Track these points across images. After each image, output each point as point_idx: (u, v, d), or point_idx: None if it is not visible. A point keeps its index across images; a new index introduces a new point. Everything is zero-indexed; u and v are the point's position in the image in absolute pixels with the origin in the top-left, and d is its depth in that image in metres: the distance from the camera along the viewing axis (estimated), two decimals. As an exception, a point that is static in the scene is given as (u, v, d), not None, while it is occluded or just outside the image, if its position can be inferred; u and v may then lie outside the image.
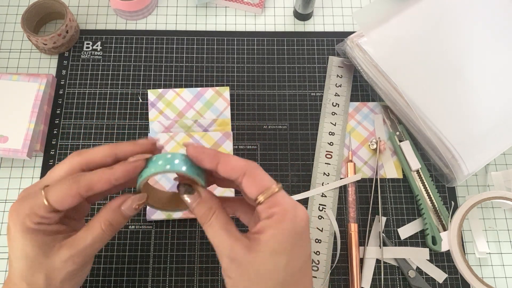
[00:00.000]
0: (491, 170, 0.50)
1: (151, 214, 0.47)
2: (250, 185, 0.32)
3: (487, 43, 0.50)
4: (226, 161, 0.32)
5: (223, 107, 0.51)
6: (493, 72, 0.49)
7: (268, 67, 0.54)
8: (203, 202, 0.33)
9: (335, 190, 0.49)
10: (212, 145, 0.49)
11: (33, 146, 0.48)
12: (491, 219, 0.49)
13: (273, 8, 0.58)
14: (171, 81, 0.53)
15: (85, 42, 0.55)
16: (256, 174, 0.32)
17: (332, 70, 0.54)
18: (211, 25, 0.56)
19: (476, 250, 0.47)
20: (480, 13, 0.51)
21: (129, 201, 0.33)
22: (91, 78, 0.53)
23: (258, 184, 0.32)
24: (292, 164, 0.50)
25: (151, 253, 0.46)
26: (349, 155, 0.50)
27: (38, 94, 0.49)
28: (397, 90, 0.48)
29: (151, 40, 0.55)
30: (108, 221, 0.33)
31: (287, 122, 0.52)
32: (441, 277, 0.46)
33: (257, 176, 0.32)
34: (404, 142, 0.50)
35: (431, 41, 0.50)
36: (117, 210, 0.33)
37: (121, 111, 0.52)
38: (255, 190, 0.31)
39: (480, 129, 0.47)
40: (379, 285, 0.46)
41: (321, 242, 0.47)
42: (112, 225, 0.33)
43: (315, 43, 0.55)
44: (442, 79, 0.48)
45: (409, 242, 0.47)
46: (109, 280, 0.45)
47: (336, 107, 0.52)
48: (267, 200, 0.31)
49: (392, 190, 0.49)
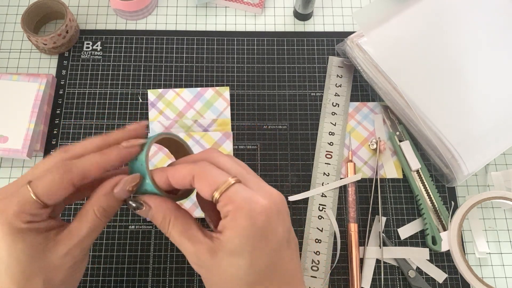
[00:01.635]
0: (491, 170, 0.50)
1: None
2: (201, 186, 0.30)
3: (487, 43, 0.50)
4: (173, 172, 0.31)
5: (223, 107, 0.51)
6: (493, 72, 0.49)
7: (268, 67, 0.54)
8: (155, 213, 0.31)
9: (335, 190, 0.49)
10: (212, 145, 0.49)
11: (33, 146, 0.48)
12: (491, 219, 0.49)
13: (273, 8, 0.58)
14: (171, 81, 0.53)
15: (85, 42, 0.55)
16: (206, 172, 0.30)
17: (332, 70, 0.54)
18: (211, 25, 0.56)
19: (476, 250, 0.47)
20: (480, 13, 0.51)
21: (121, 183, 0.31)
22: (91, 78, 0.53)
23: (210, 182, 0.29)
24: (292, 164, 0.50)
25: (151, 253, 0.46)
26: (349, 155, 0.50)
27: (38, 94, 0.49)
28: (397, 90, 0.48)
29: (151, 40, 0.55)
30: (101, 208, 0.31)
31: (287, 122, 0.52)
32: (441, 277, 0.46)
33: (207, 174, 0.30)
34: (404, 142, 0.50)
35: (431, 41, 0.50)
36: (109, 194, 0.31)
37: (121, 111, 0.52)
38: (208, 189, 0.29)
39: (480, 129, 0.47)
40: (379, 285, 0.46)
41: (321, 242, 0.47)
42: (106, 211, 0.31)
43: (315, 43, 0.55)
44: (442, 79, 0.48)
45: (409, 242, 0.47)
46: (109, 280, 0.45)
47: (336, 107, 0.52)
48: (221, 197, 0.29)
49: (392, 190, 0.49)
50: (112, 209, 0.32)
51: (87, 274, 0.45)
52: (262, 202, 0.29)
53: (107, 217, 0.32)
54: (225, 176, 0.30)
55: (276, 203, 0.30)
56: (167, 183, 0.31)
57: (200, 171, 0.30)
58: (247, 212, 0.28)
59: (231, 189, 0.29)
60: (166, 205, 0.31)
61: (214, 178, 0.30)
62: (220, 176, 0.30)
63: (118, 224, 0.47)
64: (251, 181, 0.31)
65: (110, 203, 0.31)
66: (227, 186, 0.29)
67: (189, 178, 0.30)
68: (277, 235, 0.30)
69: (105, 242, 0.46)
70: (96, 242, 0.46)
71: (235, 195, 0.29)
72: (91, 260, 0.46)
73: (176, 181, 0.31)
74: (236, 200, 0.29)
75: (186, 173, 0.30)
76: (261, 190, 0.30)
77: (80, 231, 0.31)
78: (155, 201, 0.31)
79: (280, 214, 0.30)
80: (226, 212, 0.29)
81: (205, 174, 0.30)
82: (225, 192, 0.29)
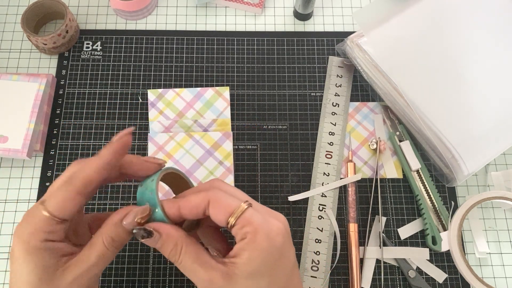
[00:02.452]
0: (491, 170, 0.50)
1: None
2: (216, 212, 0.30)
3: (487, 42, 0.50)
4: (186, 201, 0.31)
5: (223, 107, 0.51)
6: (493, 72, 0.49)
7: (268, 67, 0.54)
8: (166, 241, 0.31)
9: (335, 190, 0.49)
10: (212, 145, 0.49)
11: (33, 146, 0.48)
12: (491, 219, 0.49)
13: (273, 8, 0.58)
14: (171, 81, 0.53)
15: (85, 42, 0.55)
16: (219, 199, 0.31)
17: (332, 70, 0.54)
18: (211, 25, 0.56)
19: (476, 250, 0.47)
20: (480, 13, 0.51)
21: (131, 214, 0.31)
22: (91, 78, 0.53)
23: (224, 209, 0.30)
24: (292, 164, 0.50)
25: (151, 253, 0.46)
26: (349, 155, 0.50)
27: (38, 94, 0.49)
28: (397, 90, 0.48)
29: (151, 40, 0.55)
30: (110, 237, 0.31)
31: (287, 122, 0.52)
32: (441, 277, 0.46)
33: (221, 201, 0.31)
34: (404, 142, 0.50)
35: (431, 41, 0.50)
36: (118, 224, 0.31)
37: (121, 111, 0.52)
38: (223, 215, 0.30)
39: (480, 129, 0.47)
40: (379, 285, 0.46)
41: (321, 242, 0.47)
42: (114, 241, 0.31)
43: (315, 43, 0.55)
44: (442, 79, 0.48)
45: (409, 242, 0.47)
46: (109, 280, 0.45)
47: (336, 107, 0.52)
48: (238, 221, 0.30)
49: (392, 190, 0.49)
50: (121, 239, 0.31)
51: None
52: (277, 224, 0.30)
53: (115, 247, 0.31)
54: (237, 201, 0.31)
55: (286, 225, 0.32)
56: (177, 214, 0.31)
57: (214, 197, 0.31)
58: (266, 232, 0.29)
59: (247, 212, 0.30)
60: (177, 233, 0.31)
61: (228, 203, 0.30)
62: (234, 202, 0.31)
63: (118, 224, 0.47)
64: (258, 206, 0.32)
65: (119, 234, 0.31)
66: (242, 210, 0.30)
67: (203, 205, 0.31)
68: (291, 256, 0.32)
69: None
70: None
71: (252, 217, 0.30)
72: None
73: (189, 211, 0.31)
74: (254, 222, 0.30)
75: (200, 200, 0.31)
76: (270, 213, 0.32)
77: (88, 260, 0.30)
78: (165, 228, 0.31)
79: (290, 237, 0.32)
80: (244, 234, 0.30)
81: (219, 200, 0.30)
82: (241, 215, 0.30)
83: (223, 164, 0.49)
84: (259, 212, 0.31)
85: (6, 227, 0.47)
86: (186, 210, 0.31)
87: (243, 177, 0.49)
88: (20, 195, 0.48)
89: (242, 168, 0.50)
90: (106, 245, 0.31)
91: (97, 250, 0.31)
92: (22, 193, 0.48)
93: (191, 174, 0.48)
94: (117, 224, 0.31)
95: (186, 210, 0.31)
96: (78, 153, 0.50)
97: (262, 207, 0.32)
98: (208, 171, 0.49)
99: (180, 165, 0.49)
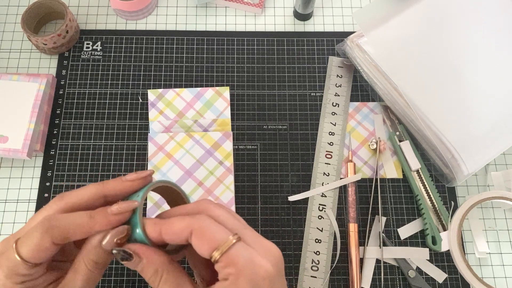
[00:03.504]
0: (491, 170, 0.50)
1: (152, 215, 0.47)
2: (200, 244, 0.27)
3: (487, 42, 0.50)
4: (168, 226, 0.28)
5: (223, 107, 0.51)
6: (493, 72, 0.49)
7: (268, 67, 0.54)
8: (146, 265, 0.28)
9: (335, 190, 0.49)
10: (212, 145, 0.49)
11: (33, 146, 0.48)
12: (491, 219, 0.49)
13: (273, 8, 0.58)
14: (171, 81, 0.53)
15: (85, 42, 0.55)
16: (204, 229, 0.27)
17: (332, 70, 0.54)
18: (211, 25, 0.56)
19: (476, 250, 0.47)
20: (480, 13, 0.51)
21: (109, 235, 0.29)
22: (91, 78, 0.53)
23: (209, 240, 0.27)
24: (292, 164, 0.50)
25: (151, 253, 0.46)
26: (349, 155, 0.50)
27: (38, 94, 0.49)
28: (397, 90, 0.48)
29: (151, 40, 0.55)
30: (92, 261, 0.29)
31: (287, 122, 0.52)
32: (441, 277, 0.46)
33: (206, 232, 0.27)
34: (404, 142, 0.50)
35: (431, 41, 0.50)
36: (98, 246, 0.29)
37: (121, 111, 0.52)
38: (207, 248, 0.27)
39: (480, 129, 0.47)
40: (379, 285, 0.46)
41: (321, 242, 0.47)
42: (97, 263, 0.29)
43: (315, 43, 0.55)
44: (442, 79, 0.48)
45: (409, 242, 0.47)
46: (109, 280, 0.45)
47: (336, 107, 0.52)
48: (222, 258, 0.27)
49: (392, 190, 0.49)
50: (104, 260, 0.30)
51: None
52: (265, 266, 0.27)
53: (99, 269, 0.30)
54: (225, 234, 0.28)
55: (277, 263, 0.28)
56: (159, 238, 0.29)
57: (199, 227, 0.28)
58: (250, 277, 0.26)
59: (233, 249, 0.27)
60: (159, 258, 0.29)
61: (213, 235, 0.27)
62: (220, 233, 0.28)
63: (118, 224, 0.47)
64: (249, 236, 0.29)
65: (101, 255, 0.29)
66: (228, 245, 0.27)
67: (186, 233, 0.28)
68: None
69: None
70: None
71: (237, 257, 0.27)
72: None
73: (170, 237, 0.28)
74: (238, 263, 0.27)
75: (183, 227, 0.28)
76: (260, 247, 0.28)
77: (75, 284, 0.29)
78: (147, 252, 0.29)
79: (281, 276, 0.29)
80: (227, 274, 0.27)
81: (203, 231, 0.28)
82: (226, 252, 0.27)
83: (223, 164, 0.49)
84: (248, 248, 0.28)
85: (6, 227, 0.47)
86: (167, 236, 0.28)
87: (243, 177, 0.49)
88: (20, 195, 0.48)
89: (242, 168, 0.50)
90: (89, 268, 0.29)
91: (82, 274, 0.29)
92: (22, 193, 0.48)
93: (191, 174, 0.48)
94: (97, 247, 0.29)
95: (168, 236, 0.28)
96: (78, 153, 0.50)
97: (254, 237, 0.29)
98: (208, 171, 0.49)
99: (180, 165, 0.49)
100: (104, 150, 0.50)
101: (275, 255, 0.28)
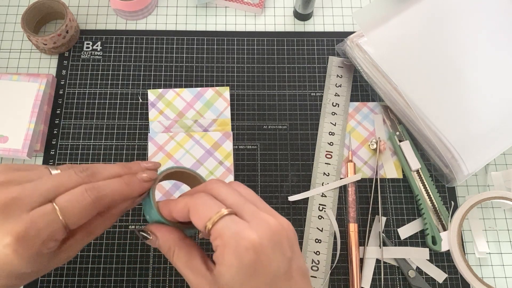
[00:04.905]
0: (491, 170, 0.50)
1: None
2: (194, 219, 0.30)
3: (487, 43, 0.50)
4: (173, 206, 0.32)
5: (223, 107, 0.51)
6: (493, 72, 0.49)
7: (268, 67, 0.54)
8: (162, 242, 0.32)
9: (335, 190, 0.49)
10: (212, 145, 0.49)
11: (33, 146, 0.48)
12: (491, 219, 0.49)
13: (273, 8, 0.58)
14: (171, 81, 0.53)
15: (85, 42, 0.55)
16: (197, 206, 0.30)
17: (332, 70, 0.54)
18: (211, 25, 0.56)
19: (476, 250, 0.47)
20: (480, 13, 0.51)
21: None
22: (91, 78, 0.53)
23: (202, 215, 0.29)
24: (292, 164, 0.50)
25: (151, 253, 0.46)
26: (349, 155, 0.50)
27: (38, 94, 0.49)
28: (397, 90, 0.48)
29: (151, 40, 0.55)
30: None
31: (287, 122, 0.52)
32: (441, 277, 0.46)
33: (199, 209, 0.30)
34: (404, 142, 0.50)
35: (431, 41, 0.50)
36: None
37: (121, 111, 0.52)
38: (199, 222, 0.29)
39: (480, 129, 0.47)
40: (379, 285, 0.46)
41: (321, 242, 0.47)
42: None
43: (315, 43, 0.55)
44: (442, 79, 0.48)
45: (409, 242, 0.47)
46: (109, 280, 0.45)
47: (336, 107, 0.52)
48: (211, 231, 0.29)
49: (392, 190, 0.49)
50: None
51: (88, 274, 0.45)
52: (250, 237, 0.28)
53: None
54: (218, 207, 0.29)
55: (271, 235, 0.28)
56: (171, 216, 0.32)
57: (193, 204, 0.30)
58: (234, 248, 0.28)
59: (220, 222, 0.28)
60: (171, 236, 0.32)
61: (206, 210, 0.29)
62: (214, 208, 0.29)
63: (118, 224, 0.47)
64: (247, 211, 0.30)
65: None
66: (218, 217, 0.29)
67: (185, 211, 0.31)
68: (271, 269, 0.28)
69: (105, 242, 0.46)
70: (96, 242, 0.46)
71: (223, 229, 0.28)
72: (91, 260, 0.46)
73: (177, 215, 0.32)
74: (224, 235, 0.28)
75: (182, 206, 0.31)
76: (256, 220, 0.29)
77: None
78: (160, 231, 0.32)
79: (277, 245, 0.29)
80: (216, 246, 0.29)
81: (197, 207, 0.30)
82: (214, 225, 0.28)
83: (223, 164, 0.49)
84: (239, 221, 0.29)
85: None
86: (175, 214, 0.32)
87: (243, 177, 0.49)
88: (20, 195, 0.48)
89: (242, 168, 0.50)
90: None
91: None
92: (22, 193, 0.48)
93: (191, 174, 0.48)
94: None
95: (175, 214, 0.32)
96: (78, 153, 0.50)
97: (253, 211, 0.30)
98: (208, 171, 0.49)
99: (180, 165, 0.49)
100: (104, 150, 0.50)
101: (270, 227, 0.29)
